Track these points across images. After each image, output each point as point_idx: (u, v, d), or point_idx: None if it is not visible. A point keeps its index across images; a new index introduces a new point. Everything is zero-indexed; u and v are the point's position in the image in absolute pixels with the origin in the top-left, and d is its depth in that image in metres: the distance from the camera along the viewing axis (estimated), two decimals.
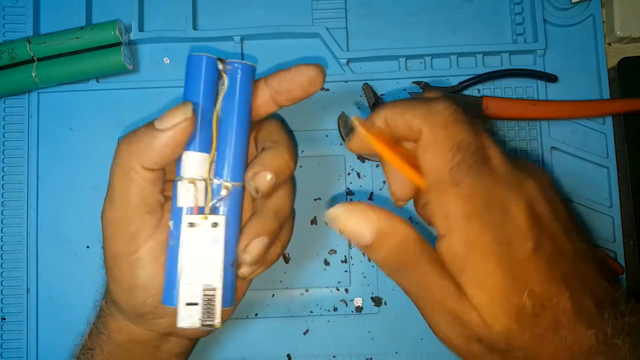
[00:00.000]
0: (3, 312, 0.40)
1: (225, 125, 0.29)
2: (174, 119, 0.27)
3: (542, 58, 0.41)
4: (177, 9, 0.42)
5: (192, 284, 0.27)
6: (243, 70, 0.29)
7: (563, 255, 0.25)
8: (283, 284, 0.40)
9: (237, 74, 0.29)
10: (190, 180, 0.28)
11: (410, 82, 0.41)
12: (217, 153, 0.29)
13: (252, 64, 0.30)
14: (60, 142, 0.41)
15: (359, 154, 0.27)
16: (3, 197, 0.41)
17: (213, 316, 0.27)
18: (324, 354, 0.40)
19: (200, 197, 0.28)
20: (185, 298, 0.27)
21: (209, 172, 0.28)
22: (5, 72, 0.40)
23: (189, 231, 0.27)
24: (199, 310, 0.27)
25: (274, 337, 0.40)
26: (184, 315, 0.27)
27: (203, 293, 0.27)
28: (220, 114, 0.29)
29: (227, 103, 0.29)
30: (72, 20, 0.42)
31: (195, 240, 0.28)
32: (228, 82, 0.29)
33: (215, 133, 0.29)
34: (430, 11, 0.42)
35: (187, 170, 0.28)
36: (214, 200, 0.28)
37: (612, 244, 0.40)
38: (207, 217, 0.28)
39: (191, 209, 0.28)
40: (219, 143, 0.29)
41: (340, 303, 0.40)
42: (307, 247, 0.40)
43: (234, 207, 0.29)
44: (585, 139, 0.41)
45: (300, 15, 0.42)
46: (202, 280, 0.27)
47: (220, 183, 0.28)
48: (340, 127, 0.40)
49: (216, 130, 0.29)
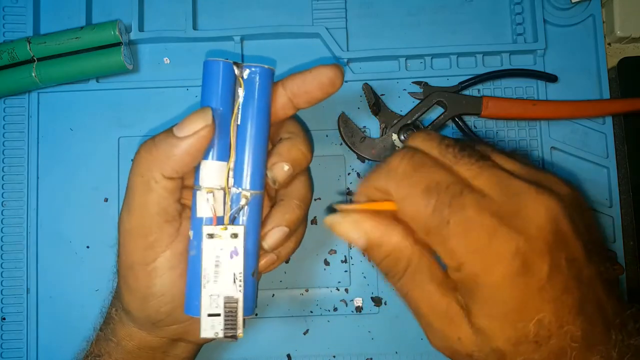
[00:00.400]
0: (3, 312, 0.40)
1: (244, 131, 0.28)
2: (194, 126, 0.27)
3: (542, 58, 0.41)
4: (177, 9, 0.42)
5: (214, 295, 0.27)
6: (261, 74, 0.28)
7: (580, 281, 0.23)
8: (283, 284, 0.40)
9: (255, 79, 0.28)
10: (208, 190, 0.28)
11: (410, 82, 0.41)
12: (235, 161, 0.28)
13: (271, 67, 0.29)
14: (60, 142, 0.41)
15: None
16: (3, 197, 0.41)
17: (235, 327, 0.27)
18: (324, 354, 0.40)
19: (219, 206, 0.28)
20: (207, 309, 0.27)
21: (227, 181, 0.28)
22: (5, 72, 0.40)
23: (208, 242, 0.27)
24: (221, 321, 0.27)
25: (274, 337, 0.40)
26: (206, 326, 0.27)
27: (225, 304, 0.27)
28: (239, 121, 0.28)
29: (245, 109, 0.28)
30: (72, 20, 0.42)
31: (215, 251, 0.27)
32: (245, 88, 0.28)
33: (234, 141, 0.28)
34: (430, 11, 0.42)
35: (205, 180, 0.28)
36: (233, 210, 0.28)
37: (612, 244, 0.40)
38: (227, 228, 0.27)
39: (210, 219, 0.28)
40: (237, 150, 0.28)
41: (340, 303, 0.40)
42: (307, 247, 0.40)
43: (254, 216, 0.28)
44: (585, 139, 0.41)
45: (300, 15, 0.42)
46: (224, 292, 0.27)
47: (239, 192, 0.28)
48: (340, 127, 0.40)
49: (234, 137, 0.28)
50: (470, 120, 0.41)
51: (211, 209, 0.27)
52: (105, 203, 0.41)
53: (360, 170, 0.41)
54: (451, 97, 0.40)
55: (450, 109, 0.39)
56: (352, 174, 0.41)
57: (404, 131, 0.39)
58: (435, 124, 0.40)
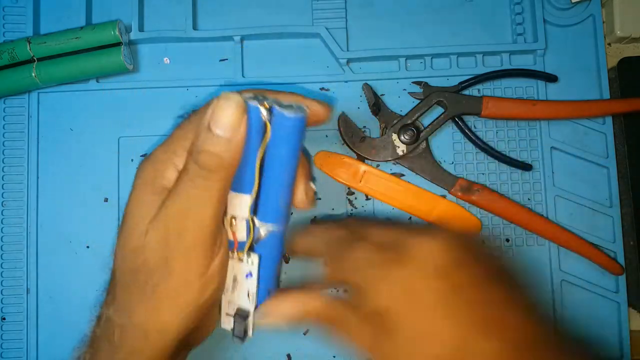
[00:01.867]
0: (3, 312, 0.40)
1: (270, 169, 0.29)
2: (234, 121, 0.27)
3: (542, 58, 0.41)
4: (177, 9, 0.42)
5: (231, 302, 0.31)
6: (288, 122, 0.28)
7: (473, 304, 0.26)
8: (283, 284, 0.40)
9: (282, 124, 0.28)
10: (232, 217, 0.30)
11: (410, 82, 0.41)
12: (261, 195, 0.29)
13: (302, 115, 0.28)
14: (60, 142, 0.41)
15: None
16: (3, 197, 0.41)
17: (243, 332, 0.31)
18: (324, 354, 0.40)
19: (241, 234, 0.30)
20: (225, 310, 0.31)
21: (249, 212, 0.30)
22: (5, 72, 0.40)
23: (230, 261, 0.31)
24: (233, 323, 0.31)
25: (274, 337, 0.40)
26: (224, 321, 0.31)
27: (237, 312, 0.31)
28: (263, 160, 0.29)
29: (272, 149, 0.29)
30: (72, 20, 0.42)
31: (234, 270, 0.31)
32: (273, 132, 0.28)
33: (257, 178, 0.29)
34: (430, 11, 0.42)
35: (230, 209, 0.30)
36: (253, 239, 0.30)
37: (612, 244, 0.40)
38: (245, 254, 0.30)
39: (231, 244, 0.30)
40: (264, 186, 0.29)
41: None
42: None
43: (272, 247, 0.31)
44: (585, 139, 0.41)
45: (300, 15, 0.42)
46: (238, 303, 0.31)
47: (260, 225, 0.30)
48: (340, 127, 0.40)
49: (258, 175, 0.29)
50: (470, 120, 0.41)
51: (232, 234, 0.30)
52: (105, 203, 0.41)
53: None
54: (451, 97, 0.40)
55: (450, 109, 0.39)
56: None
57: (404, 131, 0.39)
58: (435, 123, 0.40)
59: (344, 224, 0.33)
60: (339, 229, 0.32)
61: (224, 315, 0.31)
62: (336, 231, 0.32)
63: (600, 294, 0.40)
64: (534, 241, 0.40)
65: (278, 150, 0.29)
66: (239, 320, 0.30)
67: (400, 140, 0.40)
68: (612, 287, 0.40)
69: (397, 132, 0.40)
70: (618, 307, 0.40)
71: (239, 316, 0.30)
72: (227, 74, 0.42)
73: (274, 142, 0.28)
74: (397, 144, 0.40)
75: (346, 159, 0.40)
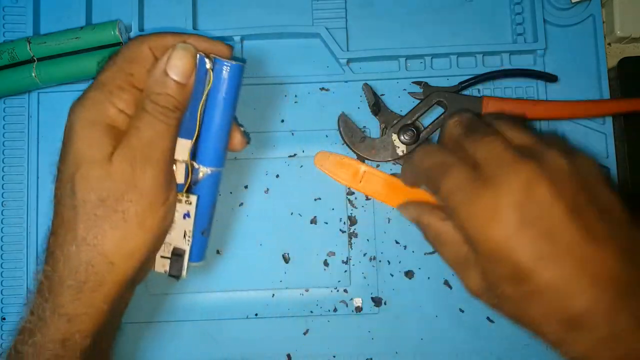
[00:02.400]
0: (3, 312, 0.40)
1: (209, 116, 0.32)
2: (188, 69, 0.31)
3: (542, 58, 0.41)
4: (177, 9, 0.42)
5: (167, 243, 0.33)
6: (229, 69, 0.32)
7: (558, 242, 0.26)
8: (283, 284, 0.40)
9: (222, 72, 0.32)
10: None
11: (410, 82, 0.41)
12: (199, 140, 0.33)
13: (240, 63, 0.32)
14: (60, 142, 0.41)
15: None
16: (3, 197, 0.41)
17: (180, 270, 0.33)
18: (324, 354, 0.40)
19: (180, 176, 0.32)
20: (161, 252, 0.33)
21: (189, 156, 0.32)
22: (5, 72, 0.40)
23: None
24: (168, 264, 0.33)
25: (274, 337, 0.40)
26: (158, 265, 0.33)
27: (173, 252, 0.33)
28: (204, 107, 0.32)
29: (212, 97, 0.32)
30: (72, 20, 0.42)
31: None
32: (213, 80, 0.32)
33: (199, 123, 0.32)
34: (430, 11, 0.42)
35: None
36: (191, 181, 0.33)
37: None
38: (184, 195, 0.33)
39: None
40: (202, 132, 0.33)
41: (340, 303, 0.40)
42: (307, 247, 0.40)
43: (209, 188, 0.34)
44: (585, 139, 0.41)
45: (300, 15, 0.42)
46: (175, 243, 0.33)
47: (199, 167, 0.33)
48: (340, 127, 0.40)
49: (199, 121, 0.32)
50: None
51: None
52: None
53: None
54: (451, 97, 0.40)
55: (450, 109, 0.39)
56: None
57: (404, 131, 0.39)
58: (435, 124, 0.40)
59: (448, 139, 0.33)
60: (440, 153, 0.32)
61: (158, 259, 0.33)
62: (436, 157, 0.32)
63: None
64: None
65: (218, 97, 0.32)
66: (176, 259, 0.33)
67: (400, 141, 0.40)
68: None
69: (397, 133, 0.40)
70: None
71: (175, 255, 0.33)
72: None
73: (215, 90, 0.32)
74: (397, 144, 0.40)
75: (346, 160, 0.40)
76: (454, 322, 0.40)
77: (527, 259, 0.26)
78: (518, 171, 0.27)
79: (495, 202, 0.27)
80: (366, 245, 0.40)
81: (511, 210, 0.26)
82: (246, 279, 0.40)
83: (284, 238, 0.41)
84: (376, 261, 0.40)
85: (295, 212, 0.41)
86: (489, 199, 0.27)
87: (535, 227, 0.26)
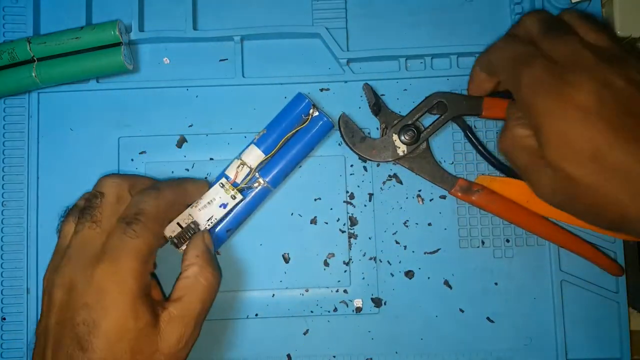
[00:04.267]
0: (3, 312, 0.40)
1: (289, 146, 0.38)
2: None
3: None
4: (177, 9, 0.42)
5: (191, 215, 0.37)
6: (322, 122, 0.38)
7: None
8: (283, 284, 0.40)
9: (319, 122, 0.38)
10: (242, 163, 0.38)
11: (410, 82, 0.41)
12: (271, 160, 0.38)
13: (332, 122, 0.39)
14: (60, 142, 0.41)
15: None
16: (3, 197, 0.41)
17: (184, 240, 0.36)
18: (324, 354, 0.40)
19: (240, 177, 0.38)
20: (178, 219, 0.36)
21: (256, 166, 0.38)
22: (5, 72, 0.40)
23: (217, 187, 0.37)
24: (177, 232, 0.36)
25: (274, 337, 0.40)
26: (168, 229, 0.36)
27: (189, 224, 0.36)
28: (290, 138, 0.38)
29: (300, 134, 0.38)
30: (72, 20, 0.42)
31: (215, 196, 0.37)
32: (309, 124, 0.38)
33: (278, 147, 0.38)
34: (430, 11, 0.42)
35: (245, 156, 0.38)
36: (246, 185, 0.38)
37: (612, 244, 0.40)
38: (233, 190, 0.37)
39: (229, 178, 0.38)
40: (277, 154, 0.38)
41: (341, 304, 0.40)
42: (307, 247, 0.40)
43: (256, 199, 0.38)
44: None
45: (300, 15, 0.42)
46: (197, 218, 0.37)
47: (259, 178, 0.38)
48: (341, 127, 0.40)
49: (280, 145, 0.38)
50: (470, 120, 0.41)
51: (235, 173, 0.38)
52: None
53: (360, 170, 0.41)
54: (451, 97, 0.40)
55: (450, 110, 0.39)
56: (352, 174, 0.41)
57: (405, 131, 0.39)
58: (436, 124, 0.40)
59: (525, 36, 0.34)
60: (521, 45, 0.33)
61: (174, 223, 0.36)
62: (518, 47, 0.33)
63: (600, 294, 0.40)
64: (534, 241, 0.40)
65: (305, 137, 0.38)
66: (188, 230, 0.36)
67: (400, 141, 0.40)
68: (612, 287, 0.40)
69: (398, 133, 0.40)
70: (618, 307, 0.40)
71: (190, 227, 0.36)
72: (227, 74, 0.42)
73: (305, 130, 0.38)
74: (397, 144, 0.40)
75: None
76: (454, 322, 0.40)
77: (603, 143, 0.27)
78: (592, 75, 0.28)
79: (576, 99, 0.28)
80: (366, 246, 0.40)
81: (592, 102, 0.28)
82: (246, 279, 0.40)
83: (284, 238, 0.41)
84: (376, 261, 0.40)
85: (295, 212, 0.41)
86: (569, 96, 0.28)
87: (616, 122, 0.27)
